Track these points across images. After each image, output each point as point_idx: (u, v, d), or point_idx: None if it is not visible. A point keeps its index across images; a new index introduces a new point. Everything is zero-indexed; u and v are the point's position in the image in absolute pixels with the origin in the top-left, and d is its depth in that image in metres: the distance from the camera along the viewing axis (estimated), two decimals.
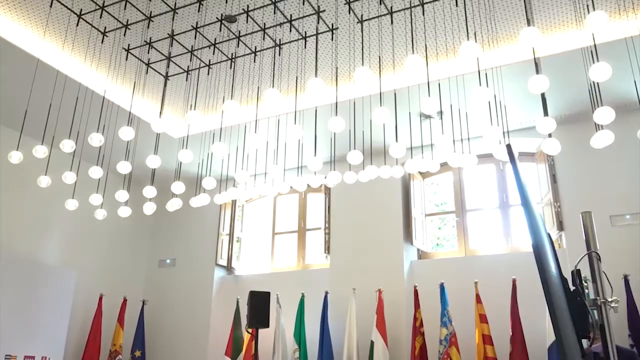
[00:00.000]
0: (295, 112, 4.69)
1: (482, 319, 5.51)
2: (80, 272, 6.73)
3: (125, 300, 7.15)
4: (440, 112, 5.07)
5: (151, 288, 7.79)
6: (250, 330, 6.07)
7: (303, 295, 6.46)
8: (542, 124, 3.80)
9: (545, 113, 4.04)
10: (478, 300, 5.59)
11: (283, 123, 5.51)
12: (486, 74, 4.26)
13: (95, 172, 4.97)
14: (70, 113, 5.01)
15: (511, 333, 5.34)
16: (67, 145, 4.67)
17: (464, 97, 4.94)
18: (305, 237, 7.49)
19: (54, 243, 6.78)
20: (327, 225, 7.15)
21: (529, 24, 4.54)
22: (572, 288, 2.01)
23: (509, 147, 2.19)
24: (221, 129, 5.12)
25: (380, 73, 4.57)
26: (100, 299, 6.86)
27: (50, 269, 6.46)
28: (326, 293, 6.32)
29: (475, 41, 3.66)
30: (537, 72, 3.77)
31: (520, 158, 6.43)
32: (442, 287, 5.78)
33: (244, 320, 6.34)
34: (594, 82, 3.61)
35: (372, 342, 5.84)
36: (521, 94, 5.23)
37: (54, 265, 6.62)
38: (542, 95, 3.96)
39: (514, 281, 5.51)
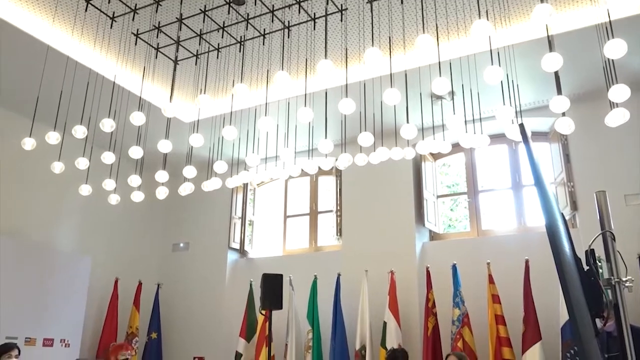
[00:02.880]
0: (305, 94, 4.67)
1: (495, 299, 5.52)
2: (95, 257, 6.82)
3: (140, 284, 7.26)
4: (452, 93, 5.01)
5: (165, 272, 7.89)
6: (263, 312, 6.14)
7: (315, 277, 6.51)
8: (555, 102, 3.75)
9: (559, 91, 3.97)
10: (490, 280, 5.59)
11: (293, 106, 5.49)
12: (498, 53, 4.20)
13: (108, 157, 5.00)
14: (82, 99, 5.03)
15: (524, 313, 5.34)
16: (79, 131, 4.70)
17: (475, 77, 4.88)
18: (317, 219, 7.51)
19: (69, 229, 6.87)
20: (338, 208, 7.16)
21: (542, 1, 4.45)
22: (586, 268, 2.00)
23: (521, 126, 2.17)
24: (231, 112, 5.11)
25: (390, 54, 4.52)
26: (116, 283, 6.97)
27: (65, 255, 6.55)
28: (338, 275, 6.36)
29: (487, 19, 3.60)
30: (551, 50, 3.71)
31: (533, 138, 6.37)
32: (454, 268, 5.78)
33: (257, 303, 6.40)
34: (608, 59, 3.55)
35: (384, 323, 5.88)
36: (534, 72, 5.16)
37: (69, 251, 6.71)
38: (556, 73, 3.90)
39: (526, 261, 5.49)
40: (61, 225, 6.79)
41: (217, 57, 5.32)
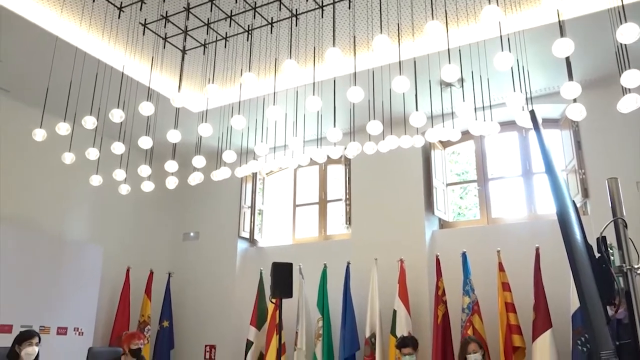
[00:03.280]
0: (314, 83, 4.65)
1: (505, 287, 5.51)
2: (107, 247, 6.89)
3: (151, 273, 7.32)
4: (461, 80, 4.97)
5: (176, 261, 7.95)
6: (274, 300, 6.18)
7: (325, 266, 6.53)
8: (566, 88, 3.70)
9: (570, 77, 3.93)
10: (501, 268, 5.58)
11: (301, 94, 5.48)
12: (508, 39, 4.15)
13: (118, 147, 5.03)
14: (91, 90, 5.05)
15: (534, 301, 5.33)
16: (89, 122, 4.73)
17: (485, 64, 4.83)
18: (326, 208, 7.52)
19: (81, 219, 6.93)
20: (347, 197, 7.16)
21: None
22: (597, 255, 1.99)
23: (532, 113, 2.15)
24: (240, 102, 5.11)
25: (399, 41, 4.49)
26: (128, 272, 7.04)
27: (78, 245, 6.62)
28: (348, 263, 6.37)
29: (497, 5, 3.56)
30: (562, 35, 3.66)
31: (543, 124, 6.30)
32: (464, 256, 5.77)
33: (267, 291, 6.44)
34: (621, 44, 3.49)
35: (394, 311, 5.90)
36: (545, 58, 5.10)
37: (81, 240, 6.78)
38: (567, 59, 3.85)
39: (537, 249, 5.47)
40: (73, 215, 6.85)
41: (225, 47, 5.31)
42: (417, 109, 4.45)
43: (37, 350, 4.40)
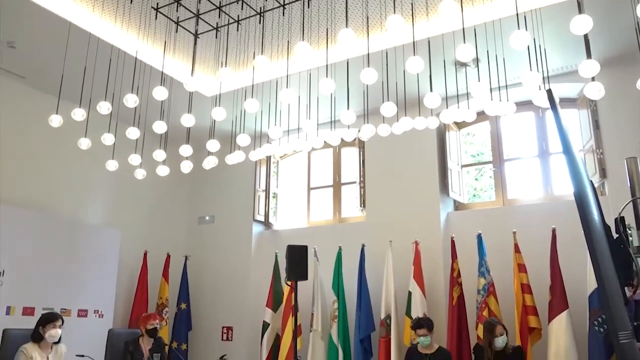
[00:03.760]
0: (327, 65, 4.62)
1: (521, 268, 5.49)
2: (124, 231, 6.98)
3: (168, 256, 7.42)
4: (476, 60, 4.90)
5: (192, 244, 8.04)
6: (289, 283, 6.23)
7: (340, 249, 6.55)
8: (585, 67, 3.63)
9: (589, 55, 3.85)
10: (516, 250, 5.55)
11: (315, 77, 5.45)
12: (525, 17, 4.08)
13: (133, 132, 5.07)
14: (105, 75, 5.08)
15: (550, 282, 5.31)
16: (104, 107, 4.76)
17: (501, 43, 4.75)
18: (340, 191, 7.53)
19: (98, 203, 7.03)
20: (362, 179, 7.15)
21: None
22: (615, 236, 1.97)
23: (549, 92, 2.11)
24: (253, 85, 5.10)
25: (413, 21, 4.43)
26: (145, 255, 7.14)
27: (96, 229, 6.72)
28: (363, 246, 6.39)
29: None
30: (580, 12, 3.58)
31: (561, 104, 6.20)
32: (479, 237, 5.75)
33: (282, 274, 6.49)
34: None
35: (409, 293, 5.91)
36: (562, 36, 5.00)
37: (98, 224, 6.88)
38: (585, 36, 3.77)
39: (553, 230, 5.43)
40: (91, 200, 6.95)
41: (237, 30, 5.29)
42: (431, 90, 4.40)
43: (60, 333, 4.50)
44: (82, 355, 4.68)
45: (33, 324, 4.59)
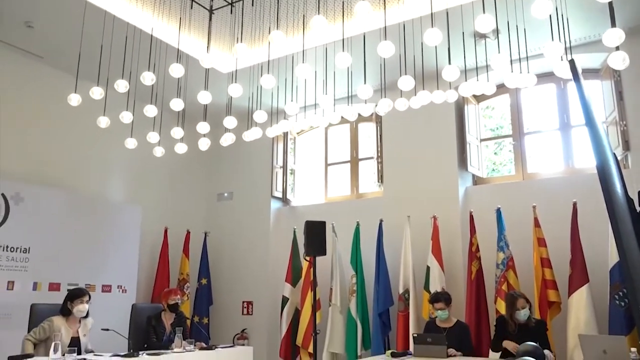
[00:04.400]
0: (343, 39, 4.56)
1: (541, 242, 5.45)
2: (144, 208, 7.08)
3: (188, 233, 7.52)
4: (496, 31, 4.79)
5: (212, 220, 8.13)
6: (307, 258, 6.28)
7: (358, 224, 6.57)
8: (609, 35, 3.51)
9: (613, 24, 3.73)
10: (536, 224, 5.50)
11: (331, 51, 5.39)
12: None
13: (150, 110, 5.10)
14: (121, 53, 5.08)
15: (571, 256, 5.27)
16: (122, 86, 4.79)
17: (522, 13, 4.63)
18: (358, 166, 7.51)
19: (118, 181, 7.12)
20: (379, 154, 7.12)
21: None
22: (638, 209, 1.94)
23: (572, 62, 2.06)
24: (269, 61, 5.06)
25: None
26: (166, 232, 7.25)
27: (117, 206, 6.83)
28: (381, 221, 6.39)
29: None
30: None
31: (583, 75, 6.06)
32: (498, 211, 5.71)
33: (301, 249, 6.55)
34: None
35: (427, 267, 5.92)
36: (585, 5, 4.85)
37: (120, 201, 6.99)
38: (610, 4, 3.65)
39: (574, 204, 5.36)
40: (111, 177, 7.04)
41: (253, 5, 5.23)
42: (449, 63, 4.33)
43: (88, 308, 4.62)
44: (107, 329, 4.81)
45: (59, 299, 4.72)
